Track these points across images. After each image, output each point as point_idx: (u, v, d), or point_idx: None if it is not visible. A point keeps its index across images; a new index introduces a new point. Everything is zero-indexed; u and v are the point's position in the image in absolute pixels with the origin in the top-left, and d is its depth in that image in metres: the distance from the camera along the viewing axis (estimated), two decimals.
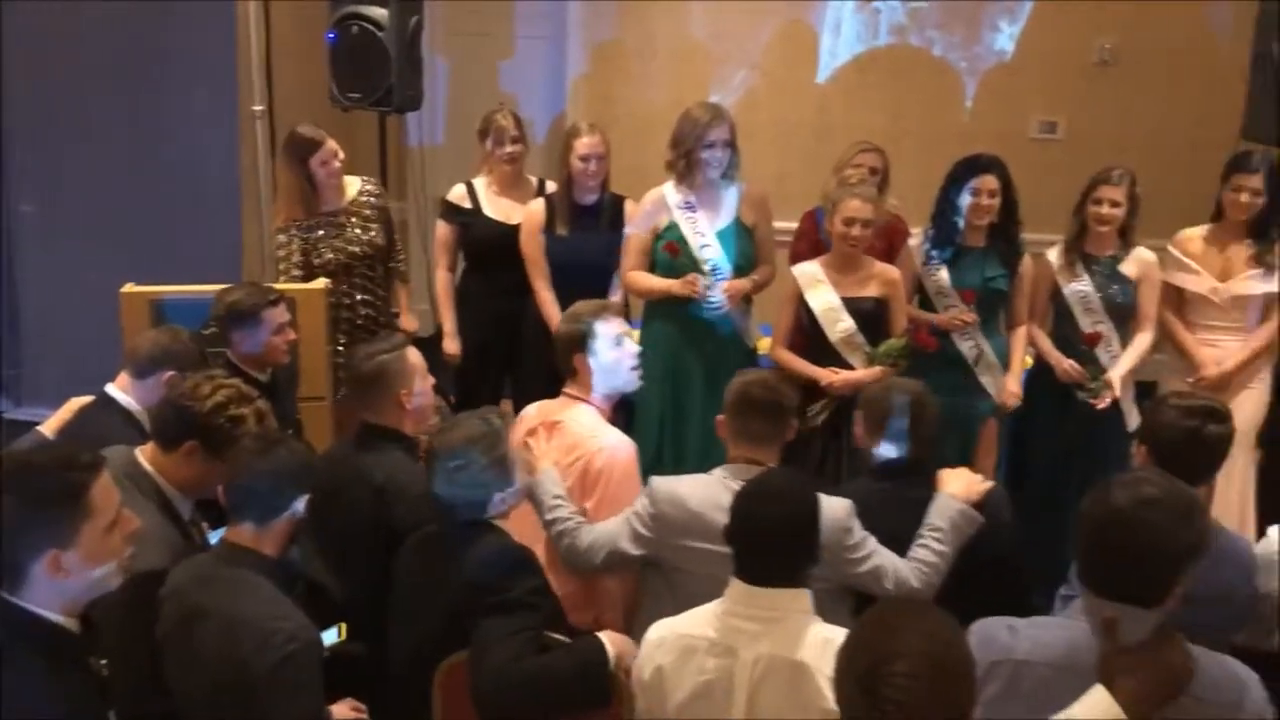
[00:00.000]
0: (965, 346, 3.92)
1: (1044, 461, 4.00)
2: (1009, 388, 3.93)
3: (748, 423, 2.72)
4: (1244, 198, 3.85)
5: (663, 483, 2.72)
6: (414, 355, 2.97)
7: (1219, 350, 3.95)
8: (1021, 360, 3.99)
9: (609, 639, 2.35)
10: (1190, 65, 5.43)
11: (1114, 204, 3.85)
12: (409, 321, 4.40)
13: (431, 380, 3.05)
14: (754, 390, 2.74)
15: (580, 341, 3.06)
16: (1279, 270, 3.87)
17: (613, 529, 2.74)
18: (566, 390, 3.11)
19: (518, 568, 2.38)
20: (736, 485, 2.35)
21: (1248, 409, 3.92)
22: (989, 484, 2.86)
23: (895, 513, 2.77)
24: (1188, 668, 1.84)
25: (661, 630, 2.19)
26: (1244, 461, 3.94)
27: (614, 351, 3.09)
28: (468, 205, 4.37)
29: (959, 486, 2.79)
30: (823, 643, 2.03)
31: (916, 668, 1.55)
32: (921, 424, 2.88)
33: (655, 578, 2.72)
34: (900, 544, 2.71)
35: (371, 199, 4.29)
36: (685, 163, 3.84)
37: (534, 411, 3.11)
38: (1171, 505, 1.89)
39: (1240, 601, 2.57)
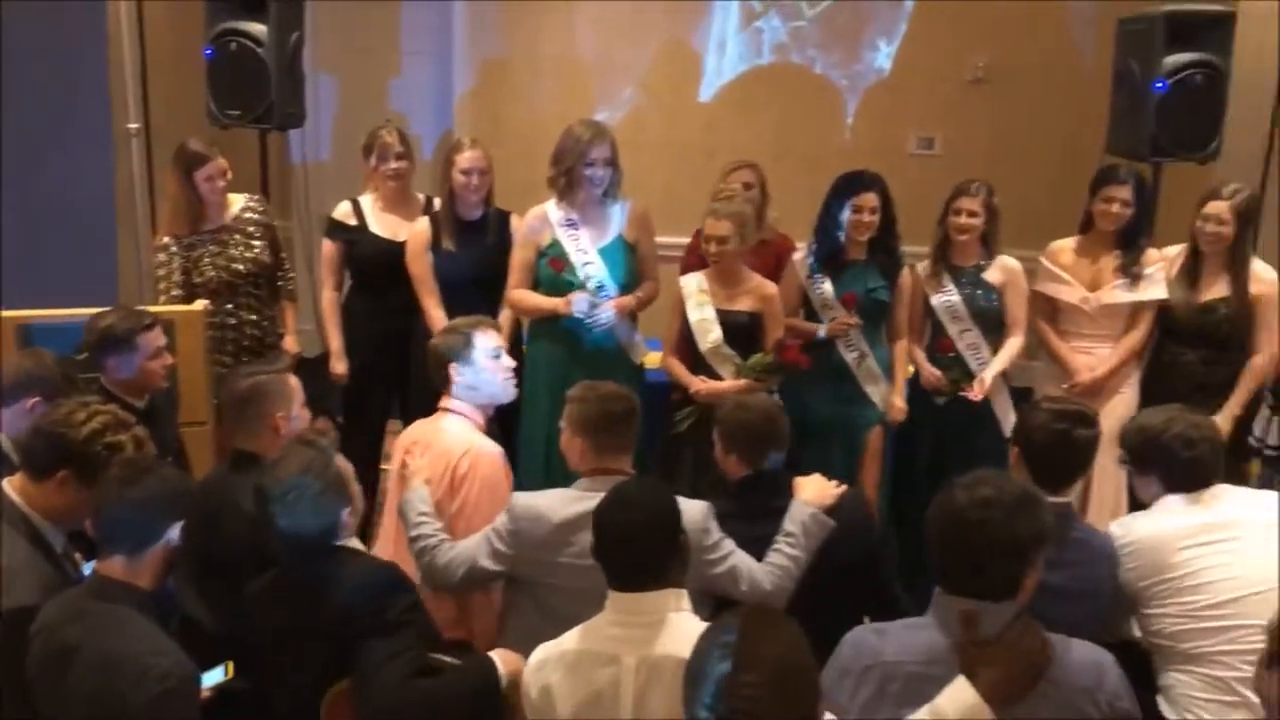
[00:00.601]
0: (850, 356, 4.00)
1: (926, 467, 4.09)
2: (894, 403, 4.03)
3: (603, 436, 2.73)
4: (1115, 208, 3.99)
5: (522, 498, 2.72)
6: (292, 380, 2.91)
7: (1091, 357, 4.09)
8: (904, 373, 4.10)
9: (500, 658, 2.34)
10: (1057, 82, 5.66)
11: (971, 214, 3.98)
12: (291, 343, 4.32)
13: (305, 412, 2.99)
14: (612, 405, 2.76)
15: (452, 353, 3.09)
16: (1145, 279, 4.03)
17: (471, 546, 2.74)
18: (440, 404, 3.13)
19: (391, 587, 2.36)
20: (597, 497, 2.36)
21: (1119, 412, 4.06)
22: (842, 489, 2.93)
23: (754, 522, 2.83)
24: (1045, 655, 1.94)
25: (545, 651, 2.19)
26: (1114, 461, 4.08)
27: (490, 363, 3.12)
28: (353, 222, 4.31)
29: (811, 493, 2.87)
30: None
31: (763, 677, 1.61)
32: (773, 439, 2.94)
33: (519, 594, 2.72)
34: (758, 551, 2.77)
35: (256, 216, 4.22)
36: (566, 180, 3.86)
37: (411, 430, 3.09)
38: (1007, 502, 1.98)
39: (1108, 596, 2.68)
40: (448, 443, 3.01)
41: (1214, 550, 2.62)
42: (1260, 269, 4.01)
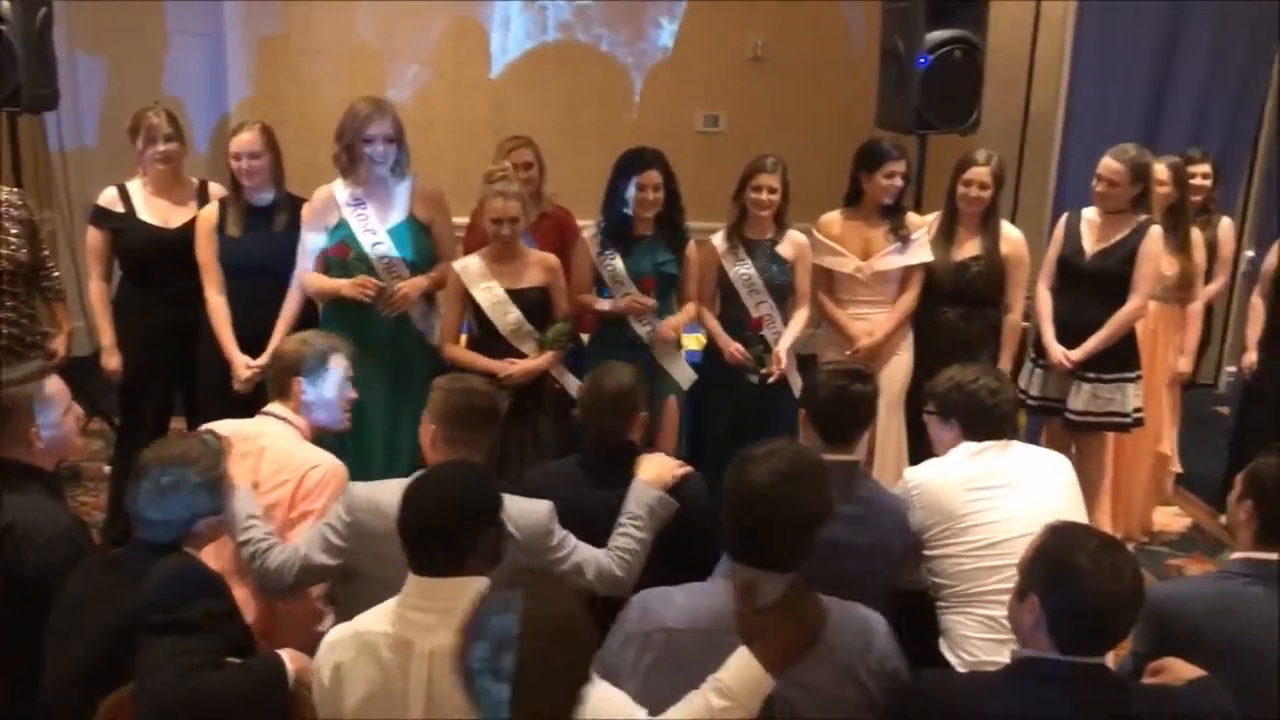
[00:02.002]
0: (643, 331, 4.07)
1: (720, 435, 4.19)
2: (669, 323, 4.06)
3: (458, 429, 2.69)
4: (896, 182, 4.18)
5: (362, 490, 2.62)
6: (53, 384, 2.72)
7: (868, 323, 4.28)
8: (683, 320, 4.15)
9: (289, 656, 2.25)
10: (831, 61, 5.89)
11: (771, 190, 4.10)
12: (60, 343, 4.08)
13: (75, 410, 2.81)
14: (475, 400, 2.72)
15: (304, 368, 2.98)
16: (911, 244, 4.24)
17: (303, 543, 2.63)
18: (269, 410, 2.99)
19: (200, 589, 2.23)
20: None
21: (898, 374, 4.29)
22: (686, 469, 2.97)
23: (597, 492, 2.86)
24: (820, 620, 2.01)
25: (339, 632, 2.13)
26: (897, 422, 4.31)
27: (337, 390, 3.05)
28: (120, 209, 4.07)
29: (653, 473, 2.88)
30: None
31: (540, 636, 1.67)
32: (629, 410, 2.97)
33: (351, 588, 2.61)
34: (599, 523, 2.79)
35: (13, 210, 3.94)
36: (348, 157, 3.77)
37: (225, 431, 2.93)
38: (801, 476, 2.06)
39: (897, 549, 2.82)
40: (290, 451, 2.88)
41: (994, 495, 2.80)
42: (1009, 230, 4.29)
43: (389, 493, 2.55)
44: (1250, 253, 5.75)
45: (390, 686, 2.04)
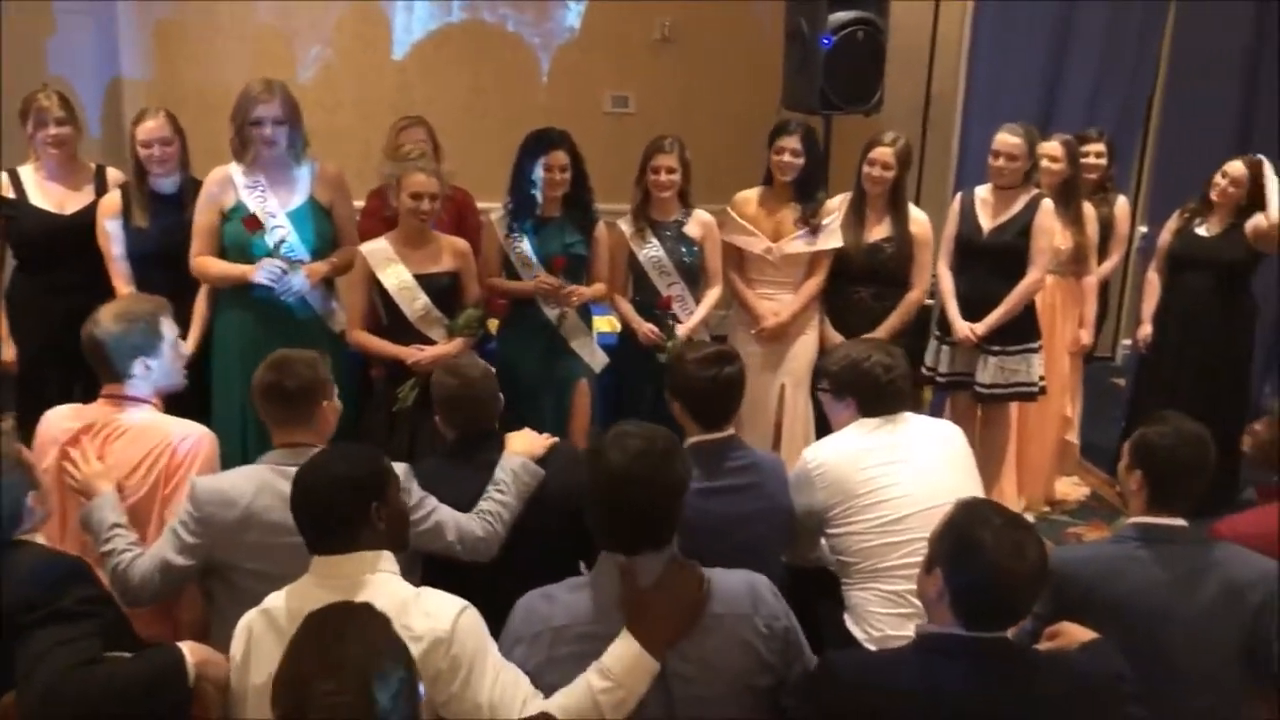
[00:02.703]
0: (552, 314, 4.07)
1: (637, 416, 4.18)
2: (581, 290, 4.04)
3: (277, 410, 2.63)
4: (786, 158, 4.21)
5: (205, 482, 2.57)
6: None
7: (775, 303, 4.34)
8: (591, 294, 4.14)
9: (189, 648, 2.20)
10: (738, 41, 5.92)
11: (670, 170, 4.12)
12: None
13: None
14: (283, 379, 2.61)
15: (143, 348, 2.85)
16: (823, 230, 4.29)
17: (157, 549, 2.56)
18: (112, 391, 2.86)
19: (69, 577, 2.16)
20: (289, 470, 2.29)
21: (804, 354, 4.36)
22: (553, 440, 3.00)
23: (470, 478, 2.85)
24: (703, 592, 2.03)
25: (249, 617, 2.12)
26: (804, 401, 4.37)
27: (172, 352, 2.93)
28: (10, 195, 3.94)
29: (522, 445, 2.93)
30: (406, 599, 2.05)
31: (345, 684, 1.58)
32: (489, 400, 2.99)
33: (220, 589, 2.56)
34: (473, 505, 2.80)
35: None
36: (240, 140, 3.69)
37: (68, 417, 2.81)
38: (656, 450, 2.07)
39: (786, 506, 2.87)
40: (153, 428, 2.79)
41: (894, 469, 2.85)
42: (915, 212, 4.37)
43: (232, 481, 2.56)
44: (1144, 229, 5.93)
45: None
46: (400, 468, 2.58)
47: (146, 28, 5.63)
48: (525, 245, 4.01)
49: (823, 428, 4.13)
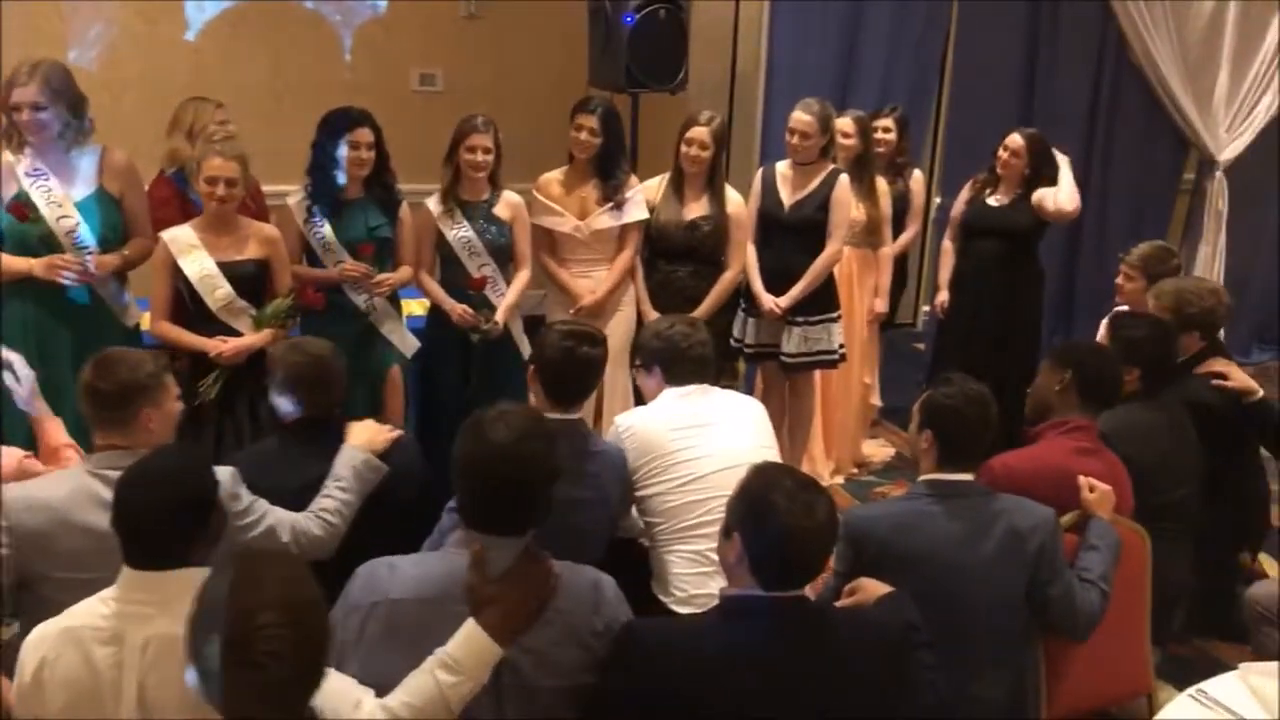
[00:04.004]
0: (360, 300, 3.99)
1: (451, 399, 4.18)
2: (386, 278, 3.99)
3: (93, 410, 2.52)
4: (584, 135, 4.23)
5: (13, 490, 2.44)
6: None
7: (590, 280, 4.37)
8: (400, 281, 4.09)
9: None
10: (545, 19, 5.88)
11: (486, 150, 4.08)
12: None
13: None
14: (96, 381, 2.50)
15: None
16: (628, 203, 4.33)
17: None
18: None
19: None
20: (109, 474, 2.20)
21: (621, 329, 4.40)
22: (396, 433, 2.95)
23: (307, 466, 2.78)
24: (551, 586, 2.03)
25: (44, 628, 2.01)
26: (623, 376, 4.41)
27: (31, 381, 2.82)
28: None
29: (363, 438, 2.86)
30: None
31: (282, 617, 1.60)
32: (328, 383, 2.91)
33: (31, 604, 2.41)
34: (309, 494, 2.73)
35: None
36: (8, 124, 3.47)
37: None
38: (535, 434, 2.09)
39: (617, 499, 2.92)
40: None
41: (697, 433, 2.96)
42: (731, 193, 4.46)
43: (42, 487, 2.45)
44: (939, 199, 6.22)
45: (100, 684, 1.94)
46: (226, 472, 2.50)
47: None
48: (326, 229, 3.91)
49: (642, 402, 4.23)
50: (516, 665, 2.01)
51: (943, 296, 5.11)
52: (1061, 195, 4.72)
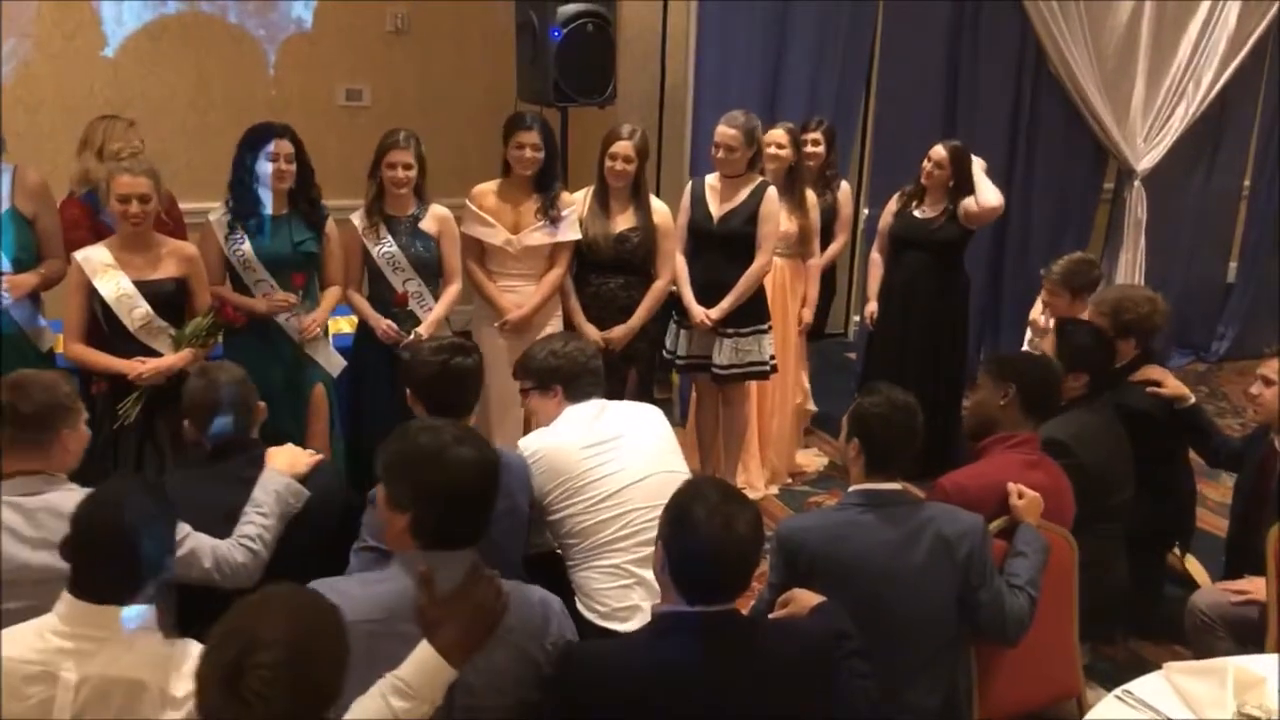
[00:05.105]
0: (289, 325, 3.92)
1: (380, 417, 4.10)
2: (313, 318, 3.96)
3: (8, 433, 2.44)
4: (527, 153, 4.20)
5: None
6: None
7: (518, 295, 4.33)
8: (328, 311, 4.06)
9: None
10: (473, 33, 5.88)
11: (406, 166, 4.05)
12: None
13: None
14: (17, 403, 2.44)
15: None
16: (562, 221, 4.31)
17: None
18: None
19: None
20: (25, 501, 2.12)
21: None
22: (317, 457, 2.90)
23: (225, 491, 2.72)
24: (501, 604, 1.99)
25: None
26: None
27: None
28: None
29: (284, 462, 2.81)
30: (164, 658, 1.94)
31: (281, 657, 1.54)
32: (247, 406, 2.86)
33: None
34: (229, 520, 2.68)
35: None
36: None
37: None
38: (486, 445, 2.07)
39: (525, 508, 2.90)
40: None
41: (606, 451, 2.95)
42: (656, 202, 4.47)
43: None
44: (866, 210, 6.29)
45: None
46: None
47: None
48: (246, 247, 3.84)
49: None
50: (470, 686, 1.98)
51: (872, 307, 5.16)
52: (985, 194, 4.79)
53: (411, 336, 4.03)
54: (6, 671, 1.89)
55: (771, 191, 4.48)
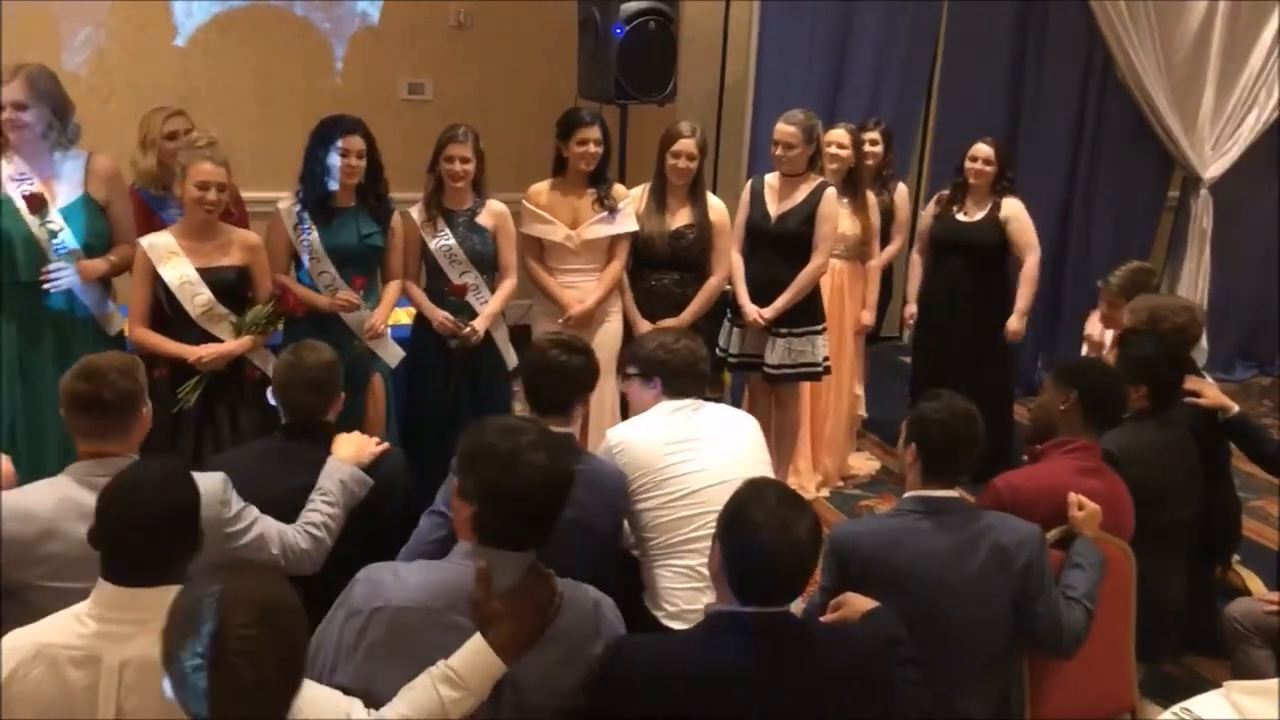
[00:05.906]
0: (351, 319, 3.96)
1: (434, 408, 4.16)
2: (378, 315, 3.98)
3: (90, 420, 2.47)
4: (590, 148, 4.20)
5: (9, 497, 2.40)
6: None
7: (579, 290, 4.34)
8: (390, 306, 4.08)
9: None
10: (534, 30, 5.91)
11: (464, 160, 4.07)
12: None
13: None
14: (77, 385, 2.47)
15: None
16: (618, 214, 4.33)
17: None
18: None
19: None
20: (97, 482, 2.17)
21: (609, 340, 4.38)
22: (384, 446, 2.92)
23: (291, 470, 2.76)
24: (556, 605, 2.00)
25: (17, 637, 1.95)
26: (611, 386, 4.39)
27: None
28: None
29: (349, 451, 2.83)
30: None
31: (252, 616, 1.58)
32: (328, 391, 2.89)
33: (13, 609, 2.34)
34: (295, 497, 2.72)
35: None
36: None
37: None
38: (564, 453, 2.07)
39: (613, 521, 2.89)
40: None
41: (690, 447, 2.95)
42: (713, 200, 4.47)
43: (35, 496, 2.41)
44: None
45: (73, 707, 1.90)
46: (217, 478, 2.48)
47: None
48: (314, 237, 3.88)
49: (628, 414, 4.23)
50: (518, 683, 1.98)
51: (911, 309, 5.14)
52: (1028, 254, 4.84)
53: (467, 329, 4.06)
54: (54, 657, 1.91)
55: (830, 192, 4.46)
